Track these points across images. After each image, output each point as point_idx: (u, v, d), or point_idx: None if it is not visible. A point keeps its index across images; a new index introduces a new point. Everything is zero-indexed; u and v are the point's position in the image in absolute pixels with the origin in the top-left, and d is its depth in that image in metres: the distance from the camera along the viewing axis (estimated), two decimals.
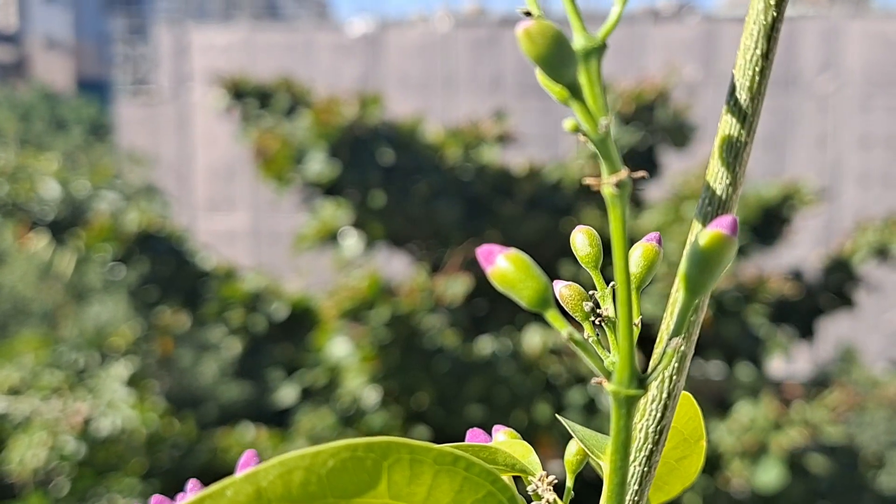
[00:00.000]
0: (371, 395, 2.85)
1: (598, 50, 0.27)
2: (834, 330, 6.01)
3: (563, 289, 0.35)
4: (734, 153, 0.29)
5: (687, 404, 0.37)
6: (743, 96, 0.29)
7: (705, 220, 0.31)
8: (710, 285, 0.28)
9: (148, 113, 9.31)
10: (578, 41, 0.27)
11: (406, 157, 3.04)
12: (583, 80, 0.26)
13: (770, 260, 3.42)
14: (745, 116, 0.29)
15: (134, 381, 3.27)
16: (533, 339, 2.78)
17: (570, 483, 0.35)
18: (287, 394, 3.22)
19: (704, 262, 0.28)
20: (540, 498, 0.34)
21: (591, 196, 3.24)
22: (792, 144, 6.17)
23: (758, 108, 0.29)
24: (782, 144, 6.17)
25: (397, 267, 4.00)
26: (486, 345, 2.84)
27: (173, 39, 8.93)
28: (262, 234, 8.58)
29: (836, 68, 6.05)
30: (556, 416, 0.50)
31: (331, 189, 3.16)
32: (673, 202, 3.35)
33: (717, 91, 5.87)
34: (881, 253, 3.04)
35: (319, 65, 8.51)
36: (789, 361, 4.42)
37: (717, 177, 0.30)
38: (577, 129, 0.27)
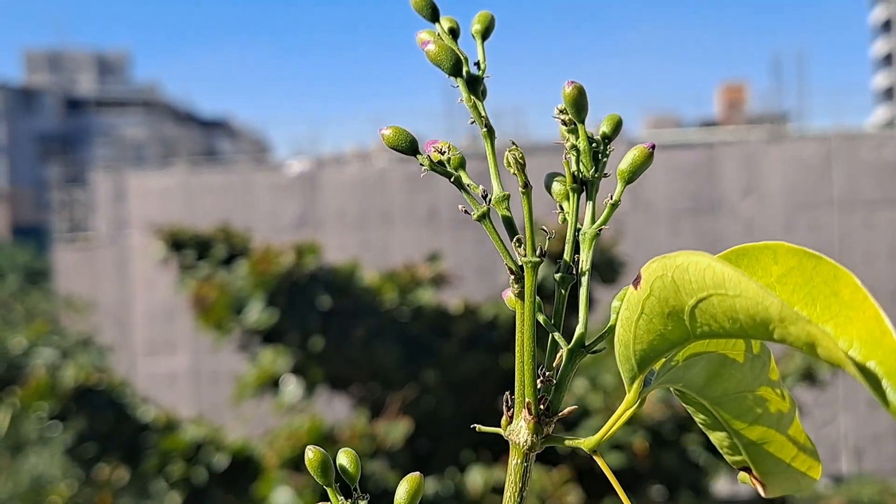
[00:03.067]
0: None
1: None
2: None
3: None
4: None
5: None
6: None
7: None
8: None
9: (85, 258, 9.29)
10: None
11: (343, 301, 3.09)
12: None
13: None
14: None
15: None
16: (475, 479, 2.79)
17: None
18: None
19: None
20: None
21: None
22: None
23: None
24: None
25: (338, 411, 4.00)
26: (428, 486, 2.84)
27: (110, 185, 8.99)
28: (203, 375, 8.50)
29: (758, 191, 6.28)
30: None
31: (270, 335, 3.18)
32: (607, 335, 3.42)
33: (644, 220, 6.05)
34: (809, 377, 3.13)
35: (258, 204, 8.60)
36: (734, 483, 4.45)
37: None
38: None
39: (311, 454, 0.42)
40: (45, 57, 29.08)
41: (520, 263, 0.39)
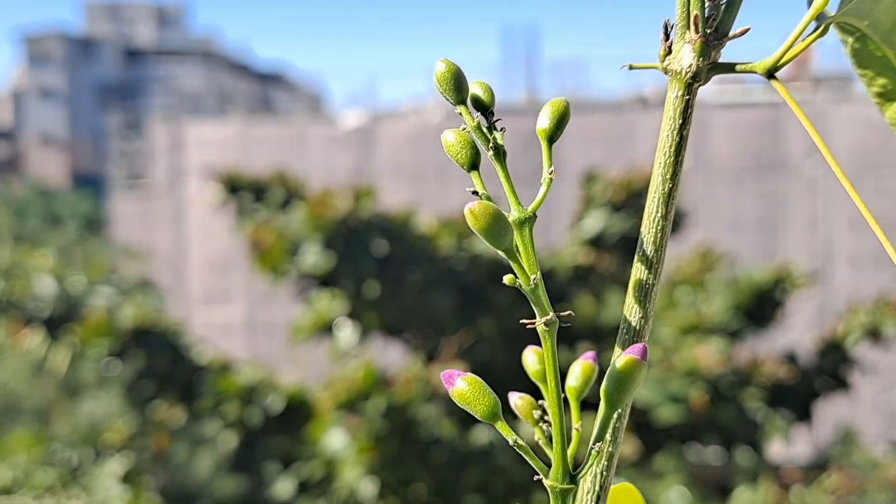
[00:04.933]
0: (368, 487, 2.83)
1: (530, 220, 0.32)
2: (833, 412, 5.99)
3: (517, 399, 0.41)
4: (644, 293, 0.34)
5: (629, 496, 0.40)
6: (649, 249, 0.33)
7: (623, 346, 0.36)
8: (625, 400, 0.34)
9: (143, 207, 9.38)
10: (514, 214, 0.33)
11: (400, 247, 3.07)
12: (518, 243, 0.32)
13: (765, 343, 3.42)
14: (652, 264, 0.34)
15: (128, 478, 3.24)
16: (529, 428, 2.77)
17: None
18: (283, 487, 3.19)
19: (620, 381, 0.34)
20: None
21: (584, 282, 3.26)
22: (783, 227, 6.23)
23: (661, 256, 0.34)
24: (773, 227, 6.22)
25: (392, 357, 4.00)
26: (482, 434, 2.82)
27: (168, 134, 9.04)
28: (258, 325, 8.57)
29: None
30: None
31: (325, 280, 3.17)
32: (666, 288, 3.37)
33: (706, 177, 5.94)
34: (874, 335, 3.05)
35: (313, 157, 8.61)
36: (789, 445, 4.39)
37: (631, 311, 0.35)
38: (514, 282, 0.33)
39: (443, 65, 0.36)
40: (105, 7, 29.28)
41: None
